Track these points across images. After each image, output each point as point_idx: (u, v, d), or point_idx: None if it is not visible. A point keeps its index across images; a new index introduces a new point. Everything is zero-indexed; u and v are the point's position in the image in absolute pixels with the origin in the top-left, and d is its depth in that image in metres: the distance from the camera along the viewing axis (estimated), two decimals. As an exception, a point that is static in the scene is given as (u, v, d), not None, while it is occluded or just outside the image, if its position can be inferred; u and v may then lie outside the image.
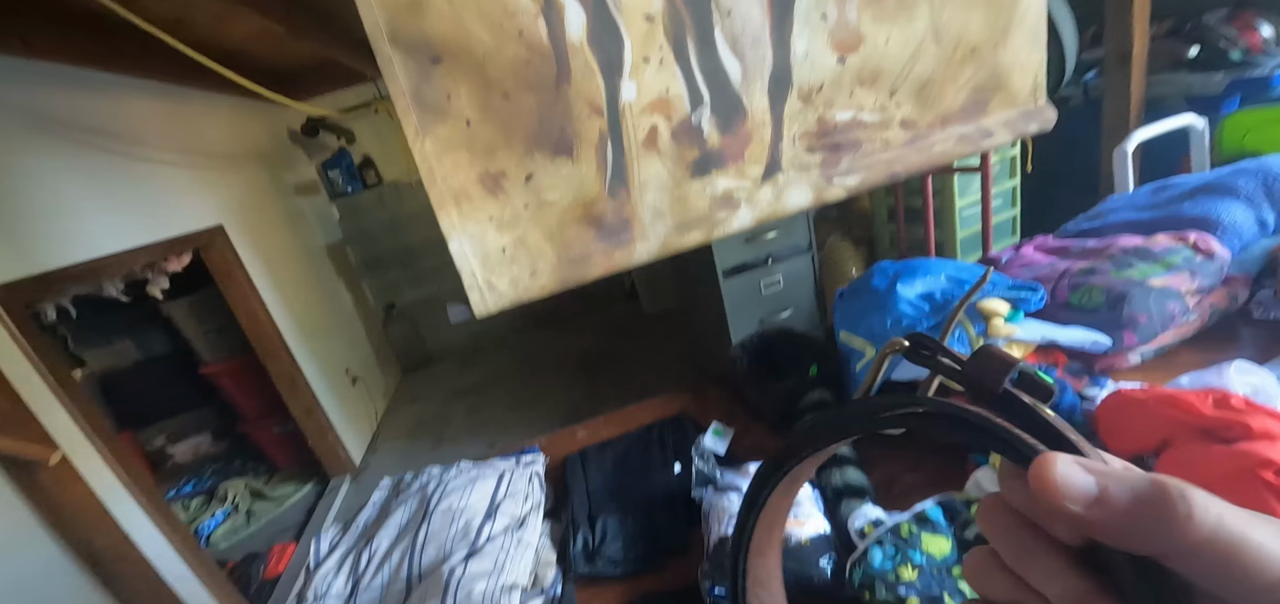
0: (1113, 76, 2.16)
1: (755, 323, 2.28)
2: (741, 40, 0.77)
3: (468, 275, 0.75)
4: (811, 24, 0.81)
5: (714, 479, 0.92)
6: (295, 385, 2.61)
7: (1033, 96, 1.08)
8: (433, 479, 0.97)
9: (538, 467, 1.01)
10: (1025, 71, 1.04)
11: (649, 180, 0.79)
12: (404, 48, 0.65)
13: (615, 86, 0.72)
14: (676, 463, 1.04)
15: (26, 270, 1.54)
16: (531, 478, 0.97)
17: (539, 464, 1.02)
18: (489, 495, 0.90)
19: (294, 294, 2.81)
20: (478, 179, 0.72)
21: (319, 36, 2.13)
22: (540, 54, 0.68)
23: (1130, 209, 1.32)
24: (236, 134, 2.76)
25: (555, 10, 0.67)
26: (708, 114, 0.79)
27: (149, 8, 1.77)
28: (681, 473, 1.01)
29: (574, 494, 0.97)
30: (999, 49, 0.98)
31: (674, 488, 0.97)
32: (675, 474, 1.02)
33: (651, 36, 0.72)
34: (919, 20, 0.88)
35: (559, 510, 0.97)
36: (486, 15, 0.65)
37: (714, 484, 0.91)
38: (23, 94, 1.66)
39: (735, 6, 0.75)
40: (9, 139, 1.59)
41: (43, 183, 1.65)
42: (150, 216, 2.01)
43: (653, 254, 0.82)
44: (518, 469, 0.98)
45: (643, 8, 0.71)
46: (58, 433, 1.48)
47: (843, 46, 0.84)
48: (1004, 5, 0.95)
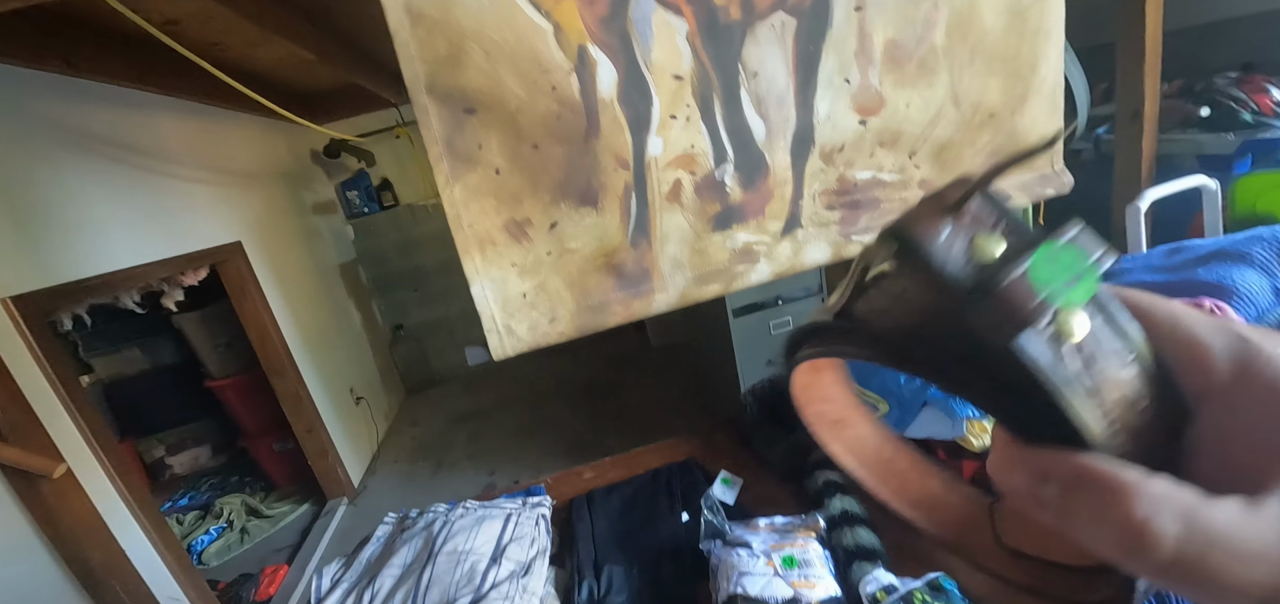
0: (1124, 133, 2.18)
1: (763, 364, 2.28)
2: (766, 101, 0.79)
3: (487, 319, 0.76)
4: (835, 87, 0.83)
5: (723, 532, 0.90)
6: (300, 403, 2.60)
7: (1050, 161, 1.09)
8: (438, 517, 0.96)
9: (544, 509, 1.00)
10: (1042, 138, 1.05)
11: (670, 232, 0.80)
12: (440, 98, 0.67)
13: (642, 141, 0.74)
14: (684, 511, 1.02)
15: (49, 280, 1.56)
16: (538, 521, 0.96)
17: (546, 506, 1.01)
18: (495, 538, 0.89)
19: (305, 311, 2.83)
20: (503, 225, 0.73)
21: (347, 64, 2.20)
22: (571, 109, 0.70)
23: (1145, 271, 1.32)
24: (260, 153, 2.82)
25: (588, 68, 0.69)
26: (731, 170, 0.80)
27: (188, 32, 1.84)
28: (689, 522, 1.00)
29: (580, 540, 0.96)
30: (1016, 115, 1.00)
31: (681, 538, 0.96)
32: (683, 522, 1.00)
33: (680, 95, 0.74)
34: (939, 86, 0.90)
35: (564, 555, 0.96)
36: (522, 70, 0.67)
37: (723, 538, 0.89)
38: (61, 110, 1.71)
39: (762, 68, 0.77)
40: (45, 152, 1.64)
41: (73, 195, 1.69)
42: (171, 231, 2.04)
43: (671, 304, 0.83)
44: (524, 511, 0.97)
45: (672, 67, 0.73)
46: (64, 444, 1.48)
47: (865, 109, 0.86)
48: (1022, 73, 0.97)
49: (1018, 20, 0.93)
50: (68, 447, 1.50)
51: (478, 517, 0.94)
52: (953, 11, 0.87)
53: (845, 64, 0.82)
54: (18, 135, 1.57)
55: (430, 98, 0.67)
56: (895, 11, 0.83)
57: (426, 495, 2.75)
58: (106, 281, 1.75)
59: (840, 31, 0.80)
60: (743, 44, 0.76)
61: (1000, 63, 0.94)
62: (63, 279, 1.60)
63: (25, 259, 1.52)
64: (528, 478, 2.71)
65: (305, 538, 2.58)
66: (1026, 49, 0.95)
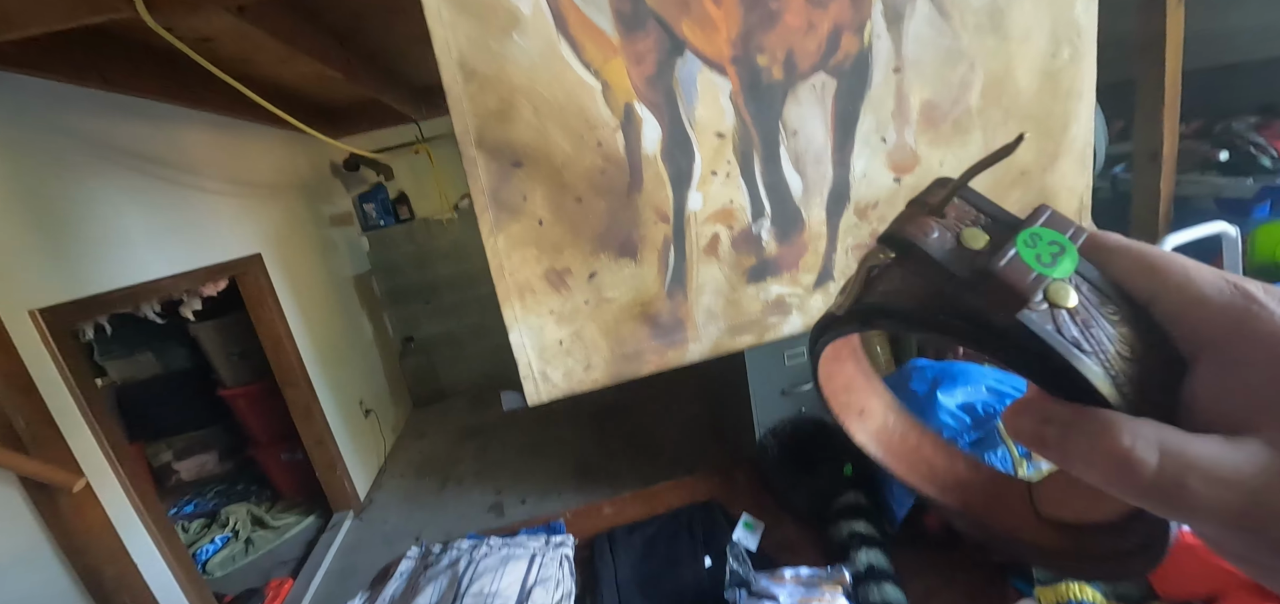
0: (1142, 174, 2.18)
1: (777, 394, 2.27)
2: (804, 158, 0.80)
3: (524, 365, 0.76)
4: (871, 146, 0.84)
5: (748, 582, 0.90)
6: (310, 415, 2.61)
7: (1078, 216, 1.10)
8: (463, 555, 0.96)
9: (567, 550, 1.00)
10: (1073, 193, 1.06)
11: (706, 284, 0.81)
12: (489, 151, 0.68)
13: (683, 196, 0.75)
14: (707, 556, 1.02)
15: (77, 292, 1.58)
16: (562, 562, 0.95)
17: (568, 547, 1.01)
18: (520, 580, 0.88)
19: (319, 323, 2.85)
20: (543, 274, 0.74)
21: (372, 83, 2.23)
22: (616, 164, 0.71)
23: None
24: (282, 165, 2.86)
25: (634, 124, 0.71)
26: (768, 225, 0.81)
27: (220, 50, 1.88)
28: (712, 567, 0.99)
29: (603, 584, 0.96)
30: (1047, 172, 1.01)
31: (705, 585, 0.95)
32: (706, 568, 1.00)
33: (721, 152, 0.75)
34: (973, 145, 0.91)
35: (587, 599, 0.95)
36: (569, 127, 0.69)
37: (748, 588, 0.89)
38: (96, 125, 1.74)
39: (801, 127, 0.78)
40: (79, 166, 1.67)
41: (103, 208, 1.72)
42: (195, 243, 2.07)
43: (704, 354, 0.83)
44: (548, 551, 0.97)
45: (715, 125, 0.74)
46: (83, 456, 1.49)
47: (899, 167, 0.87)
48: (1054, 133, 0.98)
49: (1051, 82, 0.94)
50: (86, 459, 1.51)
51: (502, 556, 0.94)
52: (988, 74, 0.88)
53: (882, 123, 0.83)
54: (54, 149, 1.60)
55: (479, 150, 0.68)
56: (932, 74, 0.84)
57: (432, 512, 2.74)
58: (131, 293, 1.77)
59: (879, 92, 0.81)
60: (784, 103, 0.77)
61: (1033, 123, 0.95)
62: (90, 291, 1.62)
63: (55, 272, 1.54)
64: (535, 499, 2.70)
65: (310, 551, 2.57)
66: (1059, 110, 0.96)
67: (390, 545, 2.55)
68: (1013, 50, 0.89)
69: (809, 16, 0.75)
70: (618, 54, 0.69)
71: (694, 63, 0.71)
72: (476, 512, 2.67)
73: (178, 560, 1.75)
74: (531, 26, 0.65)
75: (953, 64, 0.85)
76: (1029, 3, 0.88)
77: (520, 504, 2.66)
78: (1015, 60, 0.90)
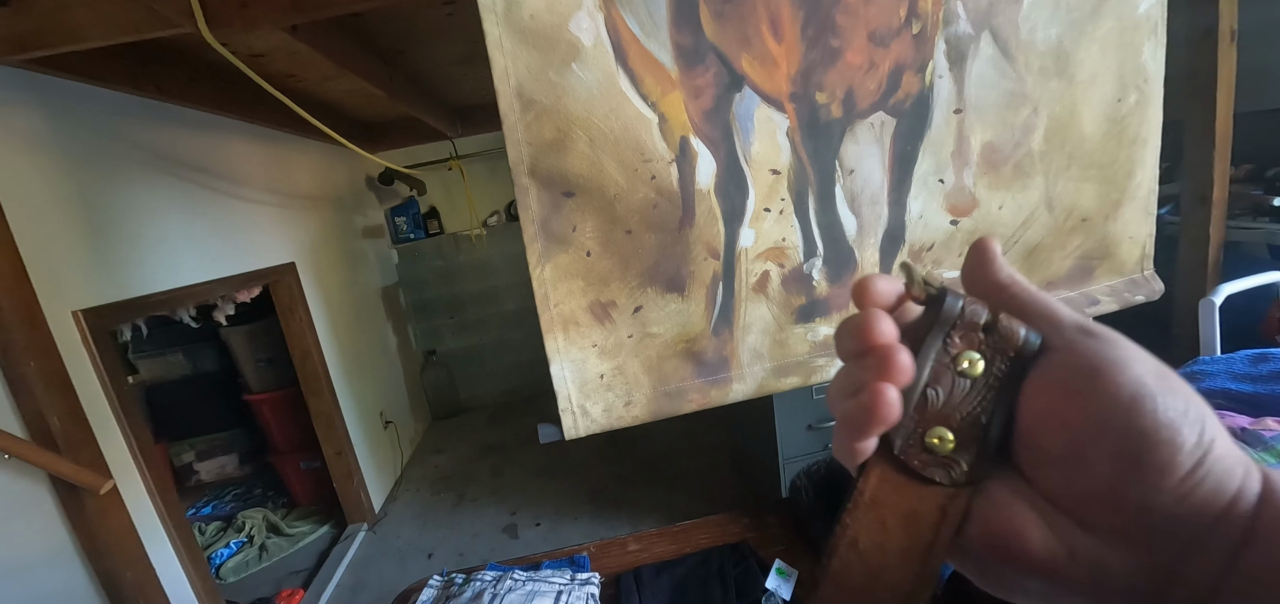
0: (1190, 219, 2.09)
1: (804, 428, 2.21)
2: (860, 198, 0.77)
3: (563, 398, 0.74)
4: (929, 187, 0.81)
5: (785, 639, 0.85)
6: (332, 425, 2.62)
7: (1140, 266, 1.05)
8: (486, 588, 0.93)
9: (593, 587, 0.96)
10: (1134, 243, 1.01)
11: (753, 323, 0.78)
12: (541, 180, 0.67)
13: (735, 233, 0.73)
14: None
15: (118, 294, 1.62)
16: (588, 600, 0.92)
17: (594, 584, 0.97)
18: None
19: (346, 334, 2.88)
20: (588, 306, 0.72)
21: (412, 101, 2.28)
22: (668, 198, 0.70)
23: (1228, 377, 1.24)
24: (321, 177, 2.93)
25: (689, 159, 0.69)
26: (820, 264, 0.78)
27: (269, 65, 1.94)
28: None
29: (631, 629, 0.92)
30: (1110, 220, 0.97)
31: (738, 637, 0.91)
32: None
33: (775, 189, 0.73)
34: (1033, 190, 0.88)
35: (612, 643, 0.91)
36: (623, 159, 0.67)
37: (785, 645, 0.84)
38: (148, 132, 1.80)
39: (858, 166, 0.76)
40: (129, 171, 1.72)
41: (146, 213, 1.76)
42: (233, 249, 2.11)
43: (748, 394, 0.80)
44: (574, 588, 0.94)
45: (770, 162, 0.72)
46: (112, 457, 1.51)
47: (957, 210, 0.84)
48: (1118, 180, 0.94)
49: (1116, 128, 0.90)
50: (114, 459, 1.52)
51: (526, 591, 0.91)
52: (1052, 118, 0.85)
53: (941, 165, 0.80)
54: (107, 154, 1.65)
55: (532, 179, 0.67)
56: (994, 116, 0.81)
57: (446, 529, 2.71)
58: (170, 297, 1.80)
59: (938, 133, 0.79)
60: (841, 142, 0.75)
61: (1096, 169, 0.91)
62: (131, 294, 1.66)
63: (98, 273, 1.58)
64: (549, 522, 2.66)
65: (322, 563, 2.56)
66: (1124, 156, 0.92)
67: (402, 562, 2.52)
68: (1078, 94, 0.86)
69: (870, 55, 0.73)
70: (676, 88, 0.67)
71: (752, 98, 0.70)
72: (490, 532, 2.64)
73: (195, 568, 1.75)
74: (592, 58, 0.64)
75: (1016, 107, 0.82)
76: (1096, 47, 0.85)
77: (534, 526, 2.61)
78: (1080, 104, 0.86)
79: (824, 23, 0.72)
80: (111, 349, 1.60)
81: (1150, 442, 0.18)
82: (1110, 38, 0.86)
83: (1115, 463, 0.18)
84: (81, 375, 1.47)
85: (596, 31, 0.65)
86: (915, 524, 0.21)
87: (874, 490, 0.21)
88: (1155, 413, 0.18)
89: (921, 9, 0.76)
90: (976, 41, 0.79)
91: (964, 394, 0.21)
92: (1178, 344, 2.00)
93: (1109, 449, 0.18)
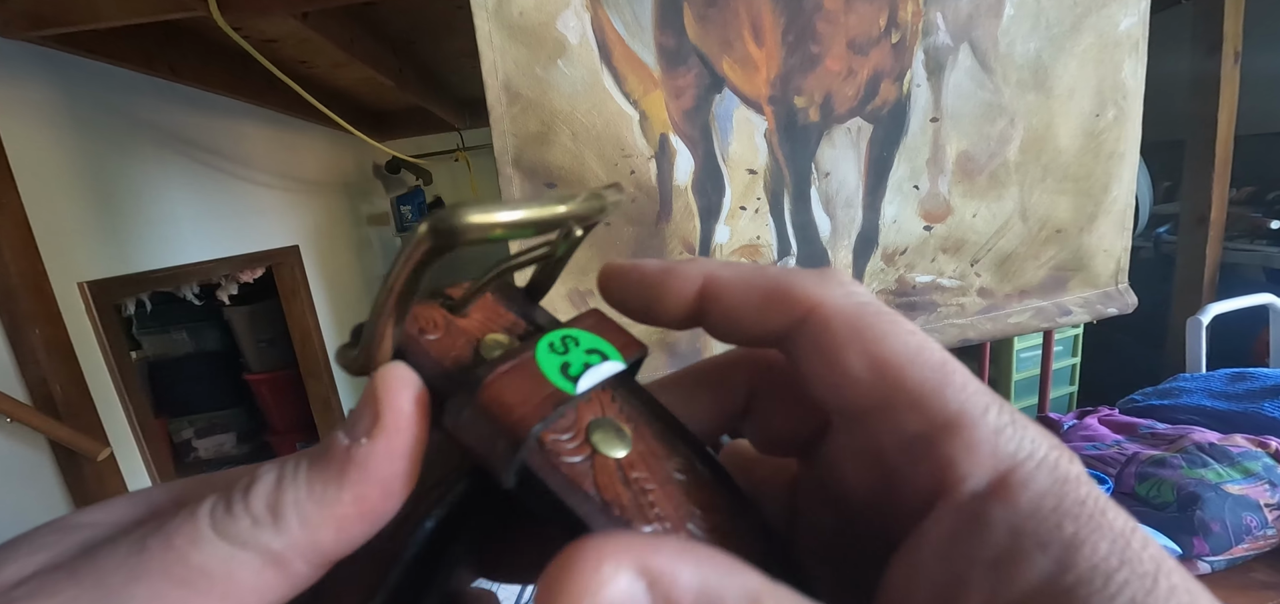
0: (1188, 239, 2.10)
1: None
2: (835, 201, 0.80)
3: (542, 380, 0.77)
4: (903, 193, 0.83)
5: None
6: (329, 407, 2.66)
7: (1114, 279, 1.07)
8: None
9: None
10: (1109, 256, 1.03)
11: (728, 316, 0.81)
12: (525, 171, 0.70)
13: (710, 229, 0.76)
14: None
15: (124, 268, 1.66)
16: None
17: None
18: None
19: (346, 318, 2.92)
20: (567, 294, 0.75)
21: (420, 91, 2.32)
22: (647, 193, 0.72)
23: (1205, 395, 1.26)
24: (328, 164, 2.97)
25: (668, 156, 0.72)
26: (794, 263, 0.81)
27: (282, 51, 1.98)
28: None
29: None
30: (1084, 233, 0.99)
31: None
32: None
33: (752, 188, 0.76)
34: (1008, 200, 0.90)
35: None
36: (604, 153, 0.70)
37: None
38: (157, 111, 1.85)
39: (834, 169, 0.79)
40: (137, 150, 1.76)
41: (155, 190, 1.81)
42: (238, 230, 2.15)
43: (721, 386, 0.83)
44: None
45: (748, 162, 0.75)
46: (110, 426, 1.55)
47: (931, 216, 0.86)
48: (1094, 193, 0.96)
49: (1093, 142, 0.92)
50: (113, 429, 1.56)
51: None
52: (1028, 130, 0.87)
53: (916, 172, 0.83)
54: (119, 131, 1.70)
55: (516, 169, 0.70)
56: (971, 126, 0.84)
57: (438, 516, 2.75)
58: (175, 273, 1.85)
59: (915, 140, 0.81)
60: (818, 145, 0.77)
61: (1072, 182, 0.93)
62: (137, 268, 1.70)
63: (106, 246, 1.62)
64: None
65: (317, 542, 2.60)
66: (1100, 170, 0.94)
67: (394, 545, 2.56)
68: (1055, 108, 0.88)
69: (849, 62, 0.76)
70: (658, 87, 0.70)
71: (732, 100, 0.73)
72: (481, 520, 2.67)
73: (191, 537, 1.79)
74: (577, 56, 0.67)
75: (992, 118, 0.85)
76: (1075, 62, 0.87)
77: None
78: (1057, 118, 0.89)
79: (804, 29, 0.74)
80: (115, 321, 1.64)
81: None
82: (1090, 54, 0.88)
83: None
84: (85, 346, 1.52)
85: (583, 30, 0.68)
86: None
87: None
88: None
89: (901, 19, 0.78)
90: (955, 53, 0.82)
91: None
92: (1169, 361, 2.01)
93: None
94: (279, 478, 0.12)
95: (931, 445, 0.11)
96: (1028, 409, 2.42)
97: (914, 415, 0.12)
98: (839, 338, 0.12)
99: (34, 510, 1.40)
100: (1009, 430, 0.11)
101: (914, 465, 0.12)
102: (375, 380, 0.13)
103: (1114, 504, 0.11)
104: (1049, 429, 0.74)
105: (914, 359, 0.12)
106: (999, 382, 2.47)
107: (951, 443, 0.11)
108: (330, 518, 0.11)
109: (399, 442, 0.12)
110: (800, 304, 0.13)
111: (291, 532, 0.11)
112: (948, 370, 0.12)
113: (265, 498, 0.11)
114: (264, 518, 0.11)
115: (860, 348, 0.12)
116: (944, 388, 0.12)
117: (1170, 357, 2.01)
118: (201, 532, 0.11)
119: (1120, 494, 0.97)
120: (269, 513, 0.11)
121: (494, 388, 0.12)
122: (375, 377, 0.13)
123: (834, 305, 0.13)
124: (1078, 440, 1.16)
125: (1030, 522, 0.10)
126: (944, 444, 0.11)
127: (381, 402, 0.12)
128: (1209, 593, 0.10)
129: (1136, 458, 1.03)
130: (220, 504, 0.11)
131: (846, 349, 0.12)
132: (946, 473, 0.11)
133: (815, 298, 0.13)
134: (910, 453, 0.12)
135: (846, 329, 0.12)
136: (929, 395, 0.12)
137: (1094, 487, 0.11)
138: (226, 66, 1.94)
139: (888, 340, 0.12)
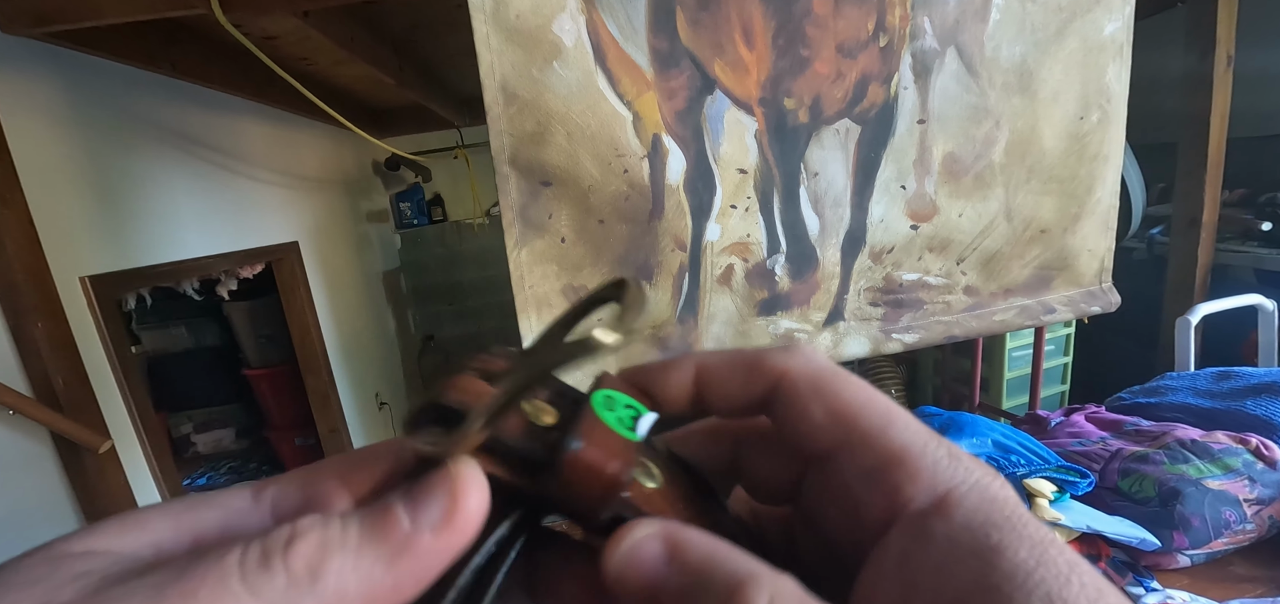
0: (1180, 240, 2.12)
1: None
2: (823, 200, 0.82)
3: (537, 374, 0.79)
4: (891, 193, 0.85)
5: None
6: (328, 403, 2.68)
7: (1097, 278, 1.09)
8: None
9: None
10: (1093, 256, 1.05)
11: (717, 313, 0.83)
12: (521, 170, 0.72)
13: (701, 227, 0.78)
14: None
15: (125, 263, 1.68)
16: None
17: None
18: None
19: (345, 315, 2.94)
20: (561, 290, 0.77)
21: (420, 89, 2.34)
22: (640, 191, 0.74)
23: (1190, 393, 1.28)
24: (327, 160, 2.99)
25: (660, 156, 0.74)
26: (783, 261, 0.83)
27: (282, 48, 1.99)
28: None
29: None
30: (1068, 233, 1.01)
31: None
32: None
33: (742, 187, 0.78)
34: (993, 200, 0.92)
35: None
36: (599, 154, 0.72)
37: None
38: (158, 107, 1.87)
39: (823, 169, 0.81)
40: (139, 145, 1.78)
41: (156, 186, 1.82)
42: (238, 226, 2.17)
43: (712, 381, 0.85)
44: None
45: (738, 162, 0.77)
46: (112, 420, 1.57)
47: (917, 216, 0.88)
48: (1078, 194, 0.98)
49: (1077, 144, 0.94)
50: (114, 423, 1.58)
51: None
52: (1013, 132, 0.89)
53: (903, 172, 0.85)
54: (121, 127, 1.71)
55: (512, 168, 0.72)
56: (957, 128, 0.86)
57: (436, 511, 2.77)
58: (175, 269, 1.86)
59: (902, 141, 0.83)
60: (807, 146, 0.79)
61: (1057, 183, 0.95)
62: (138, 264, 1.72)
63: (107, 241, 1.64)
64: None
65: (315, 536, 2.62)
66: (1084, 172, 0.96)
67: (392, 539, 2.58)
68: (1040, 111, 0.90)
69: (838, 65, 0.78)
70: (651, 89, 0.72)
71: (723, 101, 0.75)
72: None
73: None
74: (573, 58, 0.69)
75: (978, 120, 0.87)
76: (1059, 66, 0.89)
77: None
78: (1042, 121, 0.91)
79: (794, 33, 0.76)
80: (116, 316, 1.66)
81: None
82: (1074, 58, 0.90)
83: None
84: (86, 339, 1.53)
85: (578, 33, 0.70)
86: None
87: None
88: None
89: (889, 23, 0.80)
90: (942, 56, 0.84)
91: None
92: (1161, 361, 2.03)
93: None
94: (324, 541, 0.11)
95: (883, 475, 0.14)
96: (1019, 407, 2.44)
97: (867, 452, 0.14)
98: (804, 395, 0.15)
99: (35, 501, 1.42)
100: (945, 461, 0.14)
101: (871, 493, 0.14)
102: (455, 475, 0.13)
103: (1034, 518, 0.13)
104: (1037, 426, 0.75)
105: (864, 407, 0.15)
106: (992, 380, 2.49)
107: (898, 472, 0.14)
108: (370, 590, 0.11)
109: (460, 540, 0.12)
110: (773, 372, 0.16)
111: (325, 597, 0.11)
112: (891, 414, 0.15)
113: (307, 559, 0.11)
114: (303, 580, 0.11)
115: (820, 401, 0.15)
116: (888, 428, 0.14)
117: (1162, 356, 2.04)
118: (230, 585, 0.10)
119: (1103, 489, 0.98)
120: (309, 575, 0.11)
121: (589, 451, 0.14)
122: (456, 471, 0.13)
123: (799, 370, 0.15)
124: (1064, 436, 1.18)
125: (964, 533, 0.12)
126: (892, 473, 0.14)
127: (459, 499, 0.12)
128: (1117, 591, 0.12)
129: (1120, 454, 1.05)
130: (253, 556, 0.11)
131: (810, 403, 0.15)
132: (896, 497, 0.14)
133: (783, 366, 0.16)
134: (867, 483, 0.14)
135: (809, 388, 0.15)
136: (877, 434, 0.14)
137: (1018, 504, 0.13)
138: (228, 64, 1.96)
139: (842, 394, 0.15)
